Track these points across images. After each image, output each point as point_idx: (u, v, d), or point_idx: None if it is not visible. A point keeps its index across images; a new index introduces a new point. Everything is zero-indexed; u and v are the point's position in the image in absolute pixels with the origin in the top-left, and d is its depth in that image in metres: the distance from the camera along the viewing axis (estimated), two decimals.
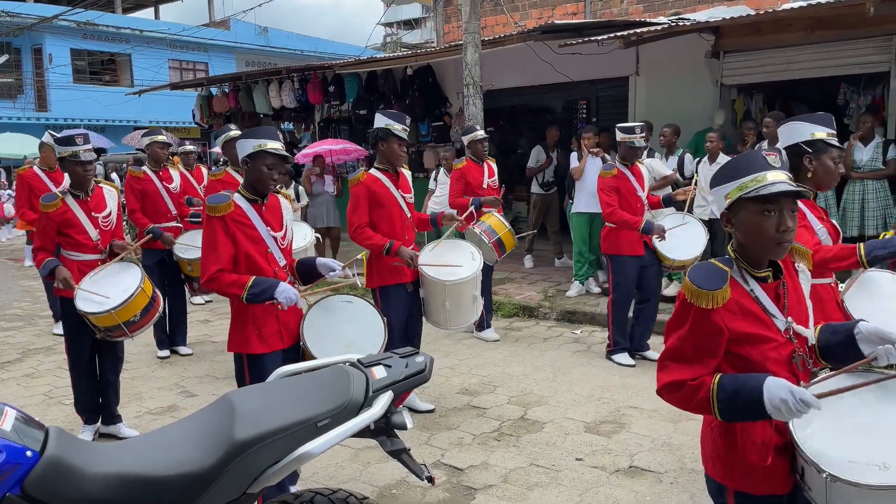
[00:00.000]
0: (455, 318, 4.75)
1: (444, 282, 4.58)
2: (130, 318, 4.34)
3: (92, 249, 4.50)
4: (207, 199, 3.30)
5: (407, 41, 28.74)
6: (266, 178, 3.29)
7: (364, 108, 11.82)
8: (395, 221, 4.54)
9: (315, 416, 1.99)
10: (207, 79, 14.78)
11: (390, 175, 4.55)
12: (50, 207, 4.35)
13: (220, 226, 3.23)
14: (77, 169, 4.35)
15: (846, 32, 7.52)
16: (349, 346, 3.32)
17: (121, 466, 1.86)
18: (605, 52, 8.56)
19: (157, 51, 26.41)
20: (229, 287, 3.25)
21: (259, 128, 3.39)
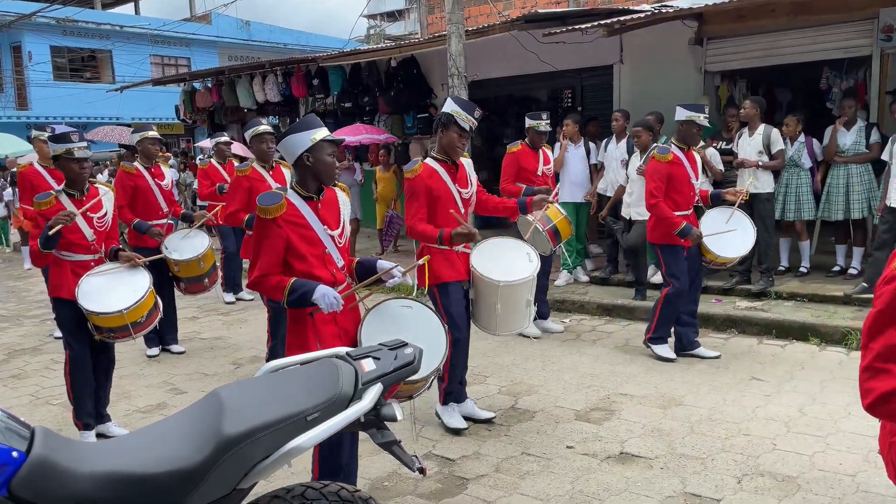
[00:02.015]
0: (506, 324, 4.34)
1: (498, 283, 4.18)
2: (138, 319, 4.28)
3: (86, 250, 4.39)
4: (258, 199, 3.06)
5: (391, 33, 28.59)
6: (331, 169, 3.10)
7: (349, 101, 11.77)
8: (450, 218, 4.15)
9: (305, 410, 1.98)
10: (190, 74, 14.64)
11: (448, 167, 4.19)
12: (44, 205, 4.22)
13: (272, 228, 3.01)
14: (72, 167, 4.23)
15: (828, 17, 7.56)
16: None
17: (109, 465, 1.85)
18: (589, 40, 8.56)
19: (139, 46, 26.16)
20: (272, 291, 3.06)
21: (304, 119, 3.15)
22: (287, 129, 3.09)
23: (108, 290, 4.28)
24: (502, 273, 4.22)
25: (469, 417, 4.43)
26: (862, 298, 6.28)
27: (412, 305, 3.40)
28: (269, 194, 3.09)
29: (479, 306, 4.35)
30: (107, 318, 4.19)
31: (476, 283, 4.29)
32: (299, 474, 3.81)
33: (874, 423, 4.19)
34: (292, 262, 3.07)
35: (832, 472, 3.60)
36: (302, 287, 3.02)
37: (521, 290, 4.24)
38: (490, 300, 4.25)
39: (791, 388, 4.79)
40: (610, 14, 8.51)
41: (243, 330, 7.17)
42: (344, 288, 3.19)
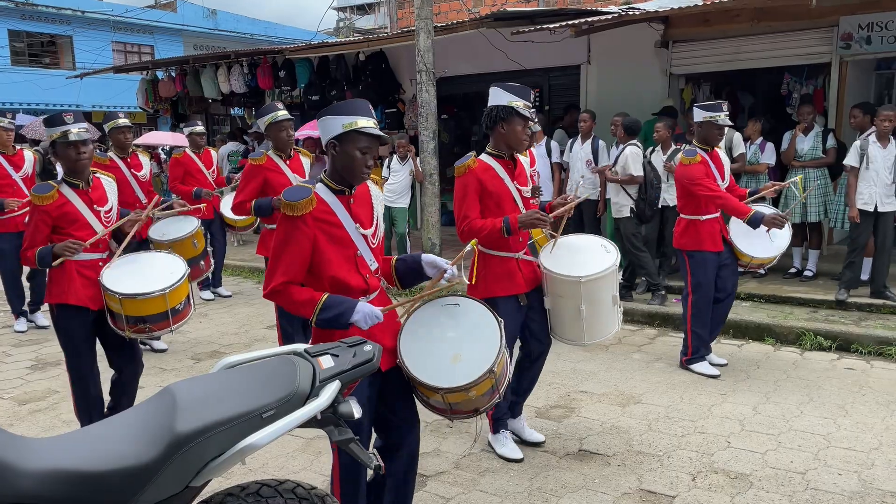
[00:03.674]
0: (595, 328, 3.72)
1: (579, 278, 3.60)
2: (177, 305, 3.78)
3: (94, 247, 3.88)
4: (284, 193, 2.65)
5: (360, 26, 28.41)
6: (359, 166, 2.65)
7: (316, 94, 11.66)
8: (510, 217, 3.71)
9: (260, 408, 1.95)
10: (153, 62, 14.33)
11: (505, 163, 3.72)
12: (45, 199, 3.70)
13: (299, 227, 2.60)
14: (69, 152, 3.71)
15: (790, 24, 7.72)
16: (456, 360, 2.75)
17: (57, 461, 1.80)
18: (557, 40, 8.61)
19: (100, 32, 25.54)
20: (299, 306, 2.64)
21: (348, 102, 2.67)
22: (327, 107, 2.70)
23: (138, 272, 3.78)
24: (580, 268, 3.67)
25: (515, 434, 4.05)
26: (827, 301, 6.44)
27: (459, 302, 2.93)
28: (296, 188, 2.67)
29: (561, 314, 3.77)
30: (146, 303, 3.64)
31: (552, 286, 3.73)
32: (255, 471, 3.77)
33: (824, 422, 4.32)
34: (319, 267, 2.67)
35: (783, 470, 3.68)
36: (338, 305, 2.59)
37: (606, 283, 3.70)
38: (573, 303, 3.68)
39: (746, 387, 4.88)
40: (578, 14, 8.56)
41: (204, 325, 7.06)
42: (378, 295, 2.81)
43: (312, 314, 2.60)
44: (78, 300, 3.76)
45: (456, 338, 2.82)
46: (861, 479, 3.57)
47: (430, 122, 8.27)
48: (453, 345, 2.80)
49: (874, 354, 5.45)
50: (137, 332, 3.76)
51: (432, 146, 8.33)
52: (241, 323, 7.08)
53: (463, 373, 2.70)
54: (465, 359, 2.74)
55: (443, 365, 2.72)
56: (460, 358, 2.75)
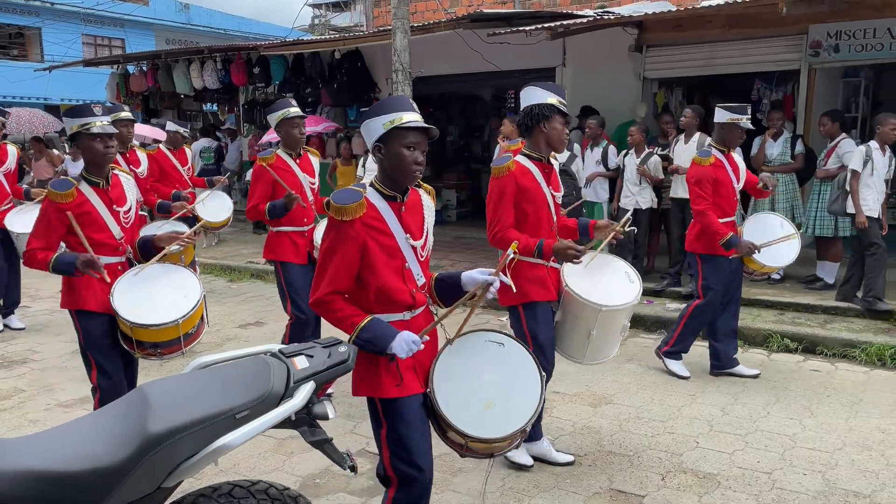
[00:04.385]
0: (597, 352, 3.77)
1: (600, 307, 3.57)
2: (190, 330, 3.55)
3: (114, 251, 3.59)
4: (333, 196, 2.48)
5: (336, 23, 28.25)
6: (408, 164, 2.47)
7: (290, 91, 11.57)
8: (542, 225, 3.59)
9: (233, 408, 1.95)
10: (124, 56, 14.13)
11: (543, 166, 3.58)
12: (63, 198, 3.42)
13: (348, 233, 2.44)
14: (95, 146, 3.45)
15: (761, 31, 7.87)
16: (489, 407, 2.57)
17: (27, 462, 1.78)
18: (533, 42, 8.66)
19: (70, 25, 25.09)
20: (341, 322, 2.50)
21: (387, 99, 2.54)
22: (367, 111, 2.54)
23: (151, 297, 3.50)
24: (602, 295, 3.60)
25: (541, 459, 3.85)
26: (794, 303, 6.55)
27: (504, 342, 2.74)
28: (346, 191, 2.49)
29: (569, 331, 3.74)
30: (159, 331, 3.43)
31: (570, 305, 3.67)
32: (226, 472, 3.74)
33: (790, 422, 4.41)
34: (365, 277, 2.51)
35: (750, 470, 3.75)
36: (378, 330, 2.45)
37: (622, 315, 3.70)
38: (585, 326, 3.65)
39: (714, 388, 4.96)
40: (554, 17, 8.63)
41: None
42: (423, 312, 2.66)
43: (352, 334, 2.46)
44: (100, 306, 3.51)
45: (493, 381, 2.64)
46: (825, 478, 3.65)
47: None
48: (489, 389, 2.62)
49: (839, 356, 5.58)
50: (147, 355, 3.56)
51: None
52: (213, 322, 7.01)
53: (494, 424, 2.54)
54: (498, 408, 2.57)
55: (474, 409, 2.55)
56: (494, 406, 2.58)
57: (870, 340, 5.55)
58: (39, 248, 3.45)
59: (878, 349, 5.43)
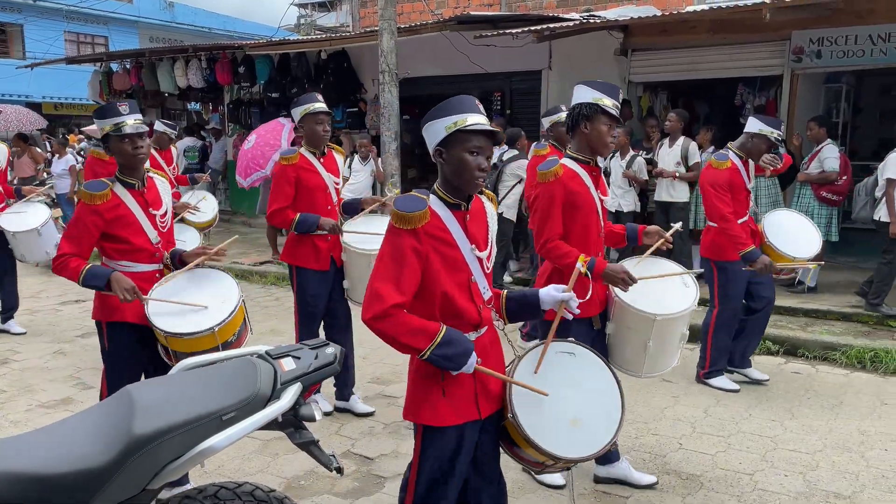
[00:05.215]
0: (655, 365, 3.50)
1: (654, 316, 3.33)
2: (229, 339, 3.32)
3: (150, 257, 3.39)
4: (396, 203, 2.27)
5: (322, 24, 28.17)
6: (471, 170, 2.27)
7: (276, 91, 11.54)
8: (590, 232, 3.35)
9: (220, 410, 1.94)
10: (108, 54, 14.00)
11: (590, 169, 3.35)
12: (97, 199, 3.22)
13: (411, 242, 2.23)
14: (124, 147, 3.26)
15: (745, 36, 7.94)
16: (575, 424, 2.42)
17: (10, 463, 1.76)
18: (520, 45, 8.69)
19: (53, 22, 24.84)
20: (413, 334, 2.22)
21: (451, 100, 2.34)
22: (429, 113, 2.35)
23: (186, 307, 3.30)
24: (656, 303, 3.35)
25: (624, 481, 3.64)
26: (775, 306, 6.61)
27: (574, 351, 2.57)
28: (409, 198, 2.29)
29: (624, 344, 3.49)
30: (194, 341, 3.21)
31: (621, 316, 3.42)
32: (211, 473, 3.72)
33: (772, 424, 4.46)
34: (428, 293, 2.29)
35: (732, 471, 3.79)
36: (459, 344, 2.25)
37: (680, 323, 3.47)
38: (640, 337, 3.40)
39: (697, 390, 5.00)
40: (540, 20, 8.67)
41: None
42: (488, 330, 2.45)
43: (427, 347, 2.21)
44: (134, 317, 3.29)
45: (572, 396, 2.47)
46: (806, 479, 3.69)
47: (392, 122, 8.26)
48: (570, 404, 2.45)
49: (819, 359, 5.64)
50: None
51: (394, 147, 8.33)
52: None
53: (584, 441, 2.40)
54: (585, 424, 2.43)
55: (560, 428, 2.40)
56: (580, 423, 2.43)
57: (850, 343, 5.62)
58: (72, 255, 3.23)
59: (857, 352, 5.50)
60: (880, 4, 6.99)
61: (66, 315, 7.25)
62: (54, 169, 11.20)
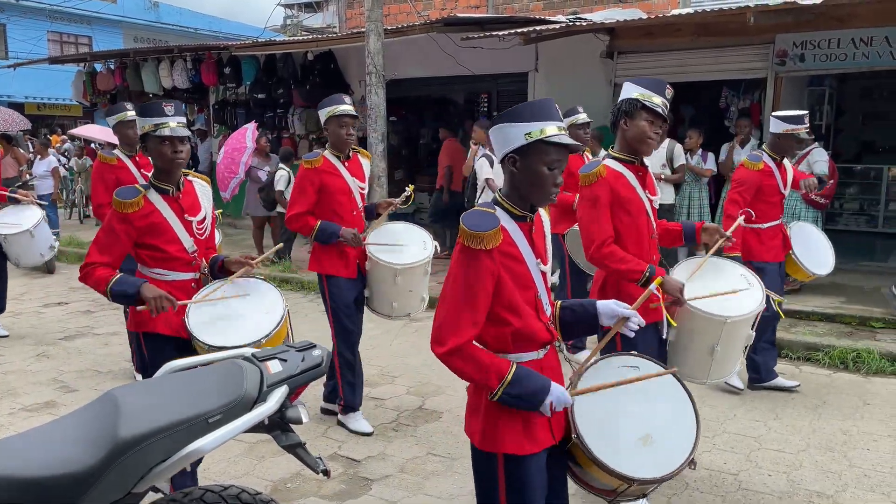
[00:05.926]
0: (721, 369, 3.36)
1: (724, 318, 3.18)
2: None
3: (186, 265, 3.22)
4: (465, 220, 2.08)
5: (308, 24, 28.10)
6: (547, 185, 2.10)
7: (262, 92, 11.50)
8: (642, 235, 3.17)
9: (206, 412, 1.93)
10: (91, 54, 13.90)
11: (636, 169, 3.17)
12: (128, 207, 3.04)
13: (485, 264, 2.05)
14: (163, 149, 3.06)
15: (729, 40, 8.01)
16: (647, 442, 2.25)
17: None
18: (506, 47, 8.71)
19: (36, 22, 24.62)
20: (482, 371, 2.06)
21: (531, 104, 2.13)
22: (501, 114, 2.17)
23: (229, 316, 3.13)
24: (723, 306, 3.21)
25: None
26: None
27: (638, 364, 2.40)
28: (478, 214, 2.10)
29: (687, 350, 3.31)
30: None
31: (687, 321, 3.22)
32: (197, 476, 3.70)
33: (756, 424, 4.50)
34: (500, 313, 2.12)
35: (717, 471, 3.82)
36: (531, 381, 2.09)
37: (748, 324, 3.33)
38: (707, 342, 3.25)
39: None
40: (527, 23, 8.70)
41: None
42: (550, 349, 2.29)
43: (498, 386, 2.06)
44: (170, 329, 3.13)
45: (641, 412, 2.29)
46: (790, 479, 3.73)
47: (379, 124, 8.26)
48: (639, 421, 2.28)
49: (803, 360, 5.69)
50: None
51: (381, 148, 8.33)
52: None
53: (658, 460, 2.22)
54: (657, 442, 2.25)
55: (630, 447, 2.23)
56: (652, 441, 2.25)
57: (833, 344, 5.68)
58: (101, 264, 3.04)
59: (840, 353, 5.55)
60: (862, 9, 7.07)
61: (49, 318, 7.18)
62: (36, 170, 11.09)
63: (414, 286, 4.28)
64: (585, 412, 2.24)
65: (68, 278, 8.88)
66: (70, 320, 7.03)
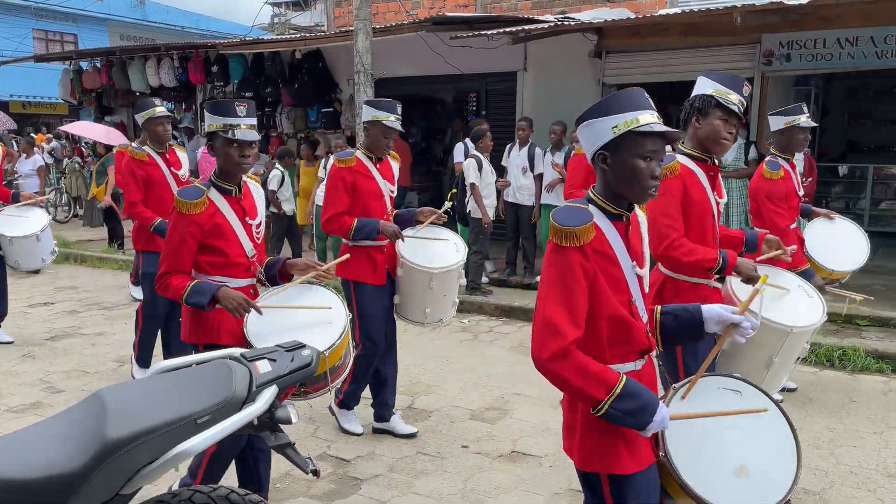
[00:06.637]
0: (773, 381, 3.21)
1: (789, 328, 3.05)
2: (336, 363, 3.03)
3: (245, 271, 3.10)
4: (556, 216, 1.97)
5: (296, 23, 28.00)
6: (644, 178, 1.96)
7: (250, 91, 11.45)
8: (707, 237, 3.05)
9: (195, 413, 1.92)
10: (77, 52, 13.79)
11: (707, 168, 3.04)
12: (194, 208, 2.92)
13: (579, 261, 1.92)
14: (231, 152, 2.92)
15: (716, 39, 8.06)
16: (741, 474, 2.08)
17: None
18: (495, 46, 8.72)
19: (20, 19, 24.39)
20: (587, 380, 1.89)
21: (621, 94, 2.00)
22: (586, 111, 2.04)
23: (290, 325, 2.96)
24: (787, 315, 3.07)
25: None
26: None
27: (741, 389, 2.21)
28: (569, 210, 1.99)
29: (742, 359, 3.14)
30: None
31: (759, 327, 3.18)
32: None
33: None
34: (595, 319, 1.97)
35: None
36: (641, 398, 1.92)
37: (808, 336, 3.21)
38: (766, 352, 3.09)
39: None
40: (515, 22, 8.71)
41: (129, 326, 6.80)
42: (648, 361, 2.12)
43: (606, 398, 1.88)
44: (231, 339, 3.00)
45: (738, 441, 2.12)
46: None
47: None
48: (735, 450, 2.10)
49: None
50: (290, 395, 2.91)
51: None
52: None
53: (751, 495, 2.06)
54: (752, 475, 2.07)
55: (723, 477, 2.06)
56: (747, 473, 2.08)
57: (819, 342, 5.72)
58: (175, 272, 2.94)
59: (826, 350, 5.60)
60: (848, 9, 7.14)
61: (34, 318, 7.11)
62: (22, 169, 10.99)
63: (448, 290, 4.16)
64: (677, 432, 2.07)
65: (54, 278, 8.81)
66: (56, 320, 6.97)
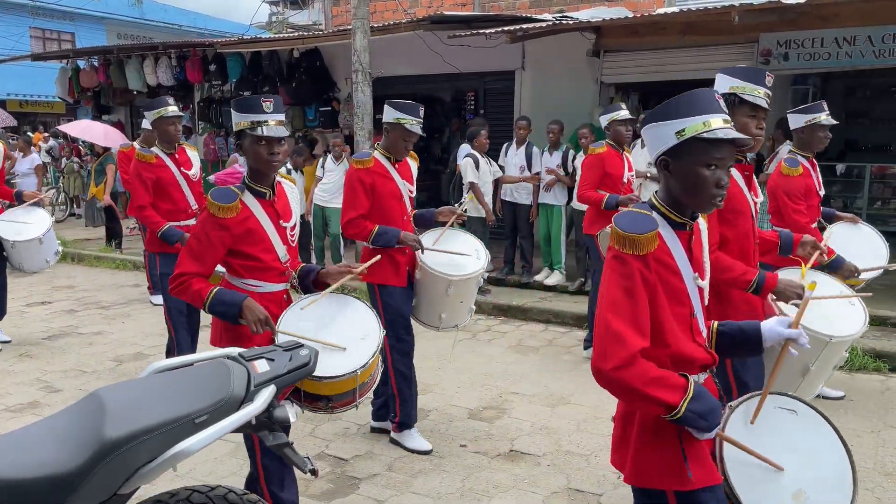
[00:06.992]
0: (808, 390, 3.12)
1: (829, 338, 2.99)
2: (366, 380, 2.90)
3: (278, 276, 2.98)
4: (618, 221, 1.90)
5: (294, 22, 27.95)
6: (708, 188, 1.85)
7: (248, 90, 11.43)
8: (748, 240, 2.98)
9: (192, 413, 1.91)
10: (74, 51, 13.75)
11: (742, 167, 3.00)
12: (226, 211, 2.80)
13: (640, 271, 1.85)
14: (259, 150, 2.81)
15: (713, 38, 8.06)
16: (798, 499, 2.01)
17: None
18: (493, 45, 8.72)
19: (17, 18, 24.33)
20: (657, 388, 1.82)
21: (683, 97, 1.91)
22: (650, 113, 1.98)
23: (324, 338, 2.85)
24: (826, 323, 2.99)
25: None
26: None
27: (797, 409, 2.13)
28: (634, 216, 1.90)
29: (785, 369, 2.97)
30: (335, 384, 2.78)
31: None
32: (183, 476, 3.68)
33: None
34: (656, 329, 1.89)
35: None
36: (709, 402, 1.87)
37: (847, 346, 3.14)
38: (803, 360, 2.99)
39: None
40: (513, 21, 8.71)
41: (127, 325, 6.82)
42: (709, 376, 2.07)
43: (682, 401, 1.82)
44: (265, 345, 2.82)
45: (795, 464, 2.04)
46: None
47: (365, 122, 8.24)
48: (794, 474, 2.03)
49: None
50: (315, 408, 2.85)
51: (367, 146, 8.29)
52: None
53: None
54: (810, 500, 2.00)
55: (780, 500, 2.00)
56: (804, 498, 2.01)
57: None
58: (194, 274, 2.81)
59: None
60: (845, 8, 7.14)
61: (32, 317, 7.11)
62: (19, 168, 10.97)
63: (465, 297, 4.12)
64: (736, 455, 2.01)
65: (51, 277, 8.80)
66: (53, 320, 6.96)
